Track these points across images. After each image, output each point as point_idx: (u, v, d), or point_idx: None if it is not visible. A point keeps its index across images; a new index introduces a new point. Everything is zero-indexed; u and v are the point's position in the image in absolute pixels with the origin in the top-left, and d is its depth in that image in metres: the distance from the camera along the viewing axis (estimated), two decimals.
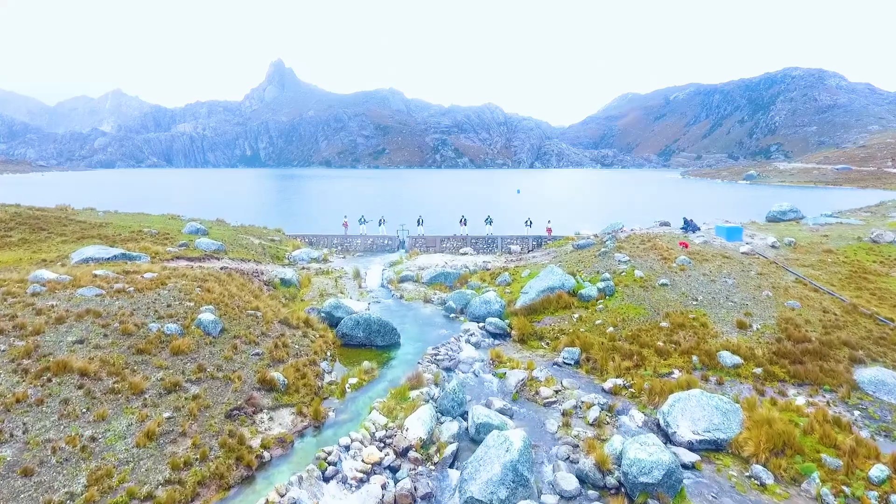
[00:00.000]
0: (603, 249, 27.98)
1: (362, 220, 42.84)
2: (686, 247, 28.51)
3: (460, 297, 25.36)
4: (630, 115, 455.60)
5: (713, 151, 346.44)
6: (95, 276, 18.55)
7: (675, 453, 13.30)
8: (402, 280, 30.17)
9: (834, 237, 30.85)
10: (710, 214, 65.22)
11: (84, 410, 11.72)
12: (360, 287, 29.20)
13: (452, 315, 24.37)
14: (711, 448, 13.92)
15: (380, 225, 42.97)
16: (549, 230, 40.36)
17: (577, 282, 24.31)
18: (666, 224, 37.75)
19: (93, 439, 11.00)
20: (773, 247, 29.36)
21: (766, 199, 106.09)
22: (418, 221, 42.68)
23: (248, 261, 31.05)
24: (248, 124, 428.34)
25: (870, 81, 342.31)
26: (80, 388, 12.31)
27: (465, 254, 38.17)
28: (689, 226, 32.75)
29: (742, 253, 27.92)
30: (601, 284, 23.08)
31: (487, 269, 31.60)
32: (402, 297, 27.50)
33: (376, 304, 26.15)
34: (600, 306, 22.17)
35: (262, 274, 27.28)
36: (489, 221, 42.09)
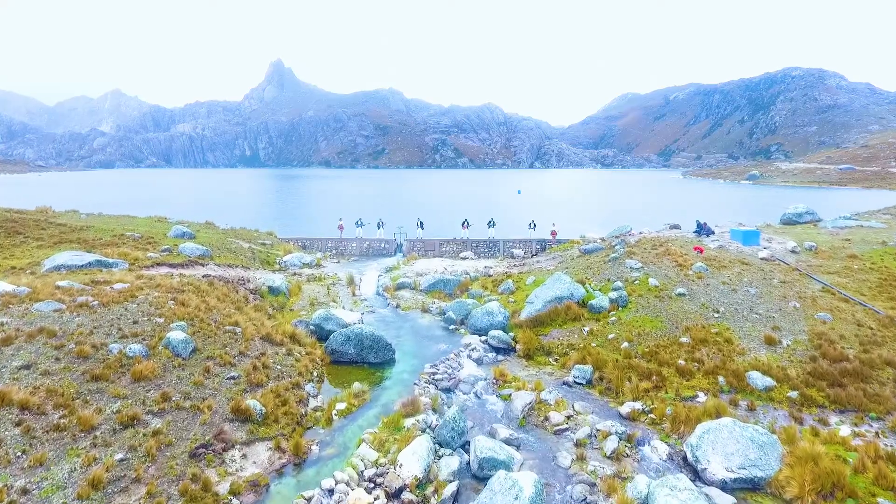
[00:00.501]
0: (613, 255, 26.22)
1: (359, 222, 41.01)
2: (701, 252, 26.77)
3: (460, 306, 23.61)
4: (630, 115, 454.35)
5: (713, 151, 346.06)
6: (58, 287, 16.80)
7: (707, 495, 11.59)
8: (399, 287, 28.41)
9: (857, 241, 29.09)
10: (718, 216, 63.54)
11: (19, 454, 9.96)
12: (353, 295, 27.44)
13: (452, 327, 22.60)
14: (747, 487, 12.18)
15: (378, 228, 41.15)
16: (554, 233, 38.58)
17: (587, 291, 22.55)
18: (676, 227, 35.99)
19: (24, 492, 9.24)
20: (793, 252, 27.61)
21: (772, 200, 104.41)
22: (418, 224, 40.86)
23: (236, 266, 29.31)
24: (247, 124, 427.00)
25: (870, 81, 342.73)
26: (17, 424, 10.56)
27: (465, 258, 36.41)
28: (702, 229, 30.99)
29: (761, 259, 26.17)
30: (613, 294, 21.31)
31: (489, 276, 29.85)
32: (398, 306, 25.75)
33: (370, 314, 24.40)
34: (613, 318, 20.40)
35: (249, 281, 25.53)
36: (492, 224, 40.29)
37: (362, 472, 12.16)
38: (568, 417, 15.36)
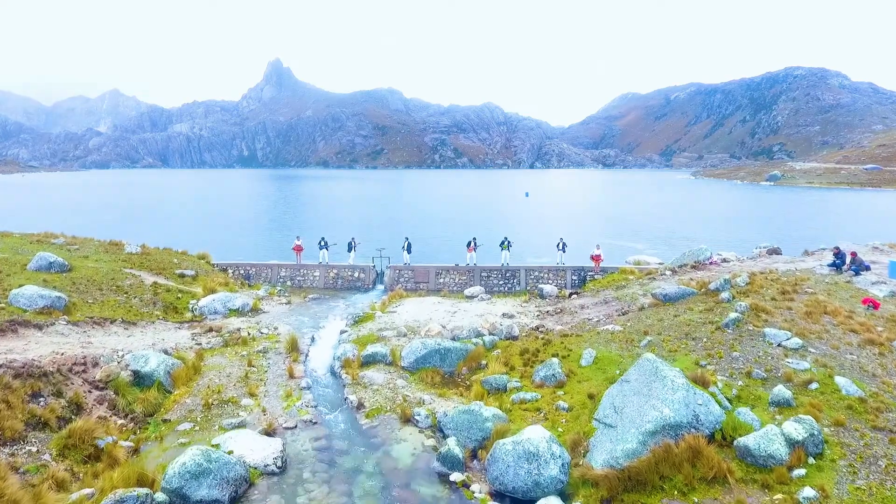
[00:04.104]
0: (733, 315, 15.16)
1: (323, 243, 29.57)
2: (876, 307, 15.84)
3: (470, 424, 12.65)
4: (630, 115, 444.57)
5: (715, 151, 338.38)
6: None
7: None
8: (368, 361, 17.37)
9: None
10: (795, 230, 52.78)
11: None
12: (291, 376, 16.39)
13: (455, 477, 11.53)
14: None
15: (350, 250, 29.88)
16: (598, 258, 27.29)
17: (723, 407, 11.48)
18: (776, 251, 25.08)
19: None
20: None
21: (824, 206, 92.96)
22: (405, 246, 29.38)
23: (111, 322, 18.38)
24: (245, 124, 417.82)
25: (872, 81, 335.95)
26: None
27: (472, 297, 25.27)
28: (843, 261, 19.98)
29: None
30: (796, 432, 10.10)
31: (513, 337, 18.84)
32: (360, 405, 14.71)
33: (307, 432, 13.32)
34: (809, 493, 9.32)
35: (96, 365, 14.53)
36: (505, 244, 28.89)
37: None
38: None
